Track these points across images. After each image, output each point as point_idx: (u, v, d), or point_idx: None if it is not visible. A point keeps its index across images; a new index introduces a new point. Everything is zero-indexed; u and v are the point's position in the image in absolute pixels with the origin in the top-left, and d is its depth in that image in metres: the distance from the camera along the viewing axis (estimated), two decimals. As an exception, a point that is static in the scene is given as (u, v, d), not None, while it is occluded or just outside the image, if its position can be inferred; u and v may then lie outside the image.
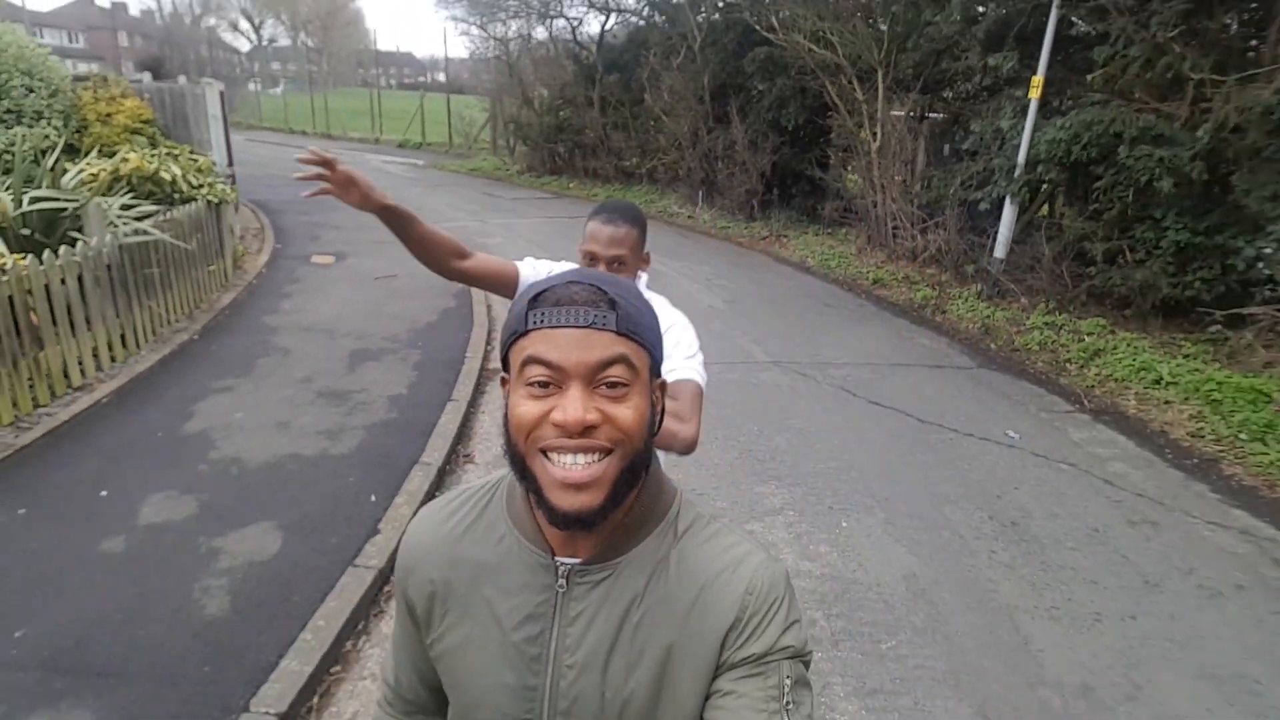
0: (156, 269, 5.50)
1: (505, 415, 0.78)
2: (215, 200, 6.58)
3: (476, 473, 4.10)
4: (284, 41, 57.88)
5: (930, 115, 9.90)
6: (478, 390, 5.05)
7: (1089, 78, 6.68)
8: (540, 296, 0.76)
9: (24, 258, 4.30)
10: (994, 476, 4.20)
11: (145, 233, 5.29)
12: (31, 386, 4.28)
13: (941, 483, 4.10)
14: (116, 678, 2.48)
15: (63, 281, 4.49)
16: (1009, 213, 7.52)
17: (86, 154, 6.57)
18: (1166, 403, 5.16)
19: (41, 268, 4.31)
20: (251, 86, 11.53)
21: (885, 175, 9.40)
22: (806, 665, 0.81)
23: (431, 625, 0.88)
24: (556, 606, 0.82)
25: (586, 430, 0.72)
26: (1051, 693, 2.64)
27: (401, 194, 13.37)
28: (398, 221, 1.71)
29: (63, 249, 4.53)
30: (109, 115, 7.06)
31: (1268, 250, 5.69)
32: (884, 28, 9.37)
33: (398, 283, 7.49)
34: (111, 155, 6.40)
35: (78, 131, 6.83)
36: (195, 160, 6.86)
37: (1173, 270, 6.24)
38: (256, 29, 54.36)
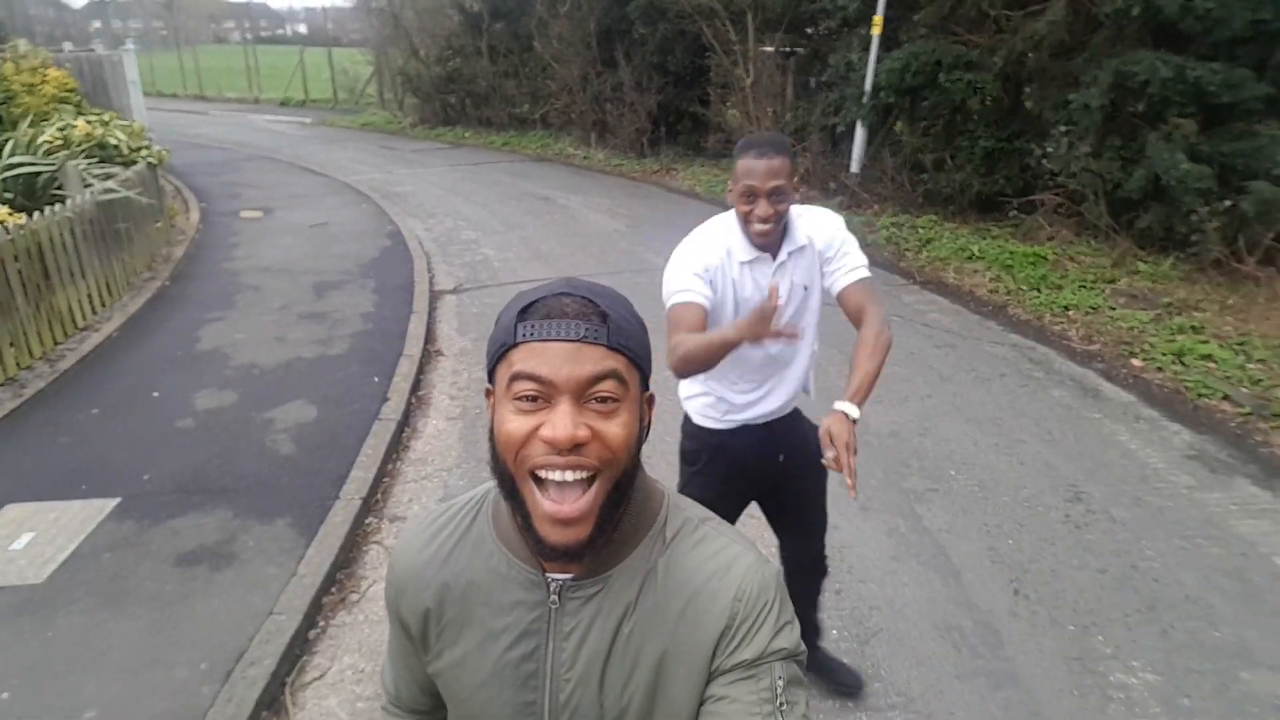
0: (123, 224, 6.19)
1: (491, 430, 0.78)
2: (154, 161, 7.18)
3: (447, 363, 5.17)
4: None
5: (796, 51, 11.24)
6: (431, 306, 6.09)
7: (915, 16, 8.13)
8: (530, 308, 0.76)
9: (22, 216, 5.01)
10: (843, 328, 5.62)
11: (113, 191, 5.97)
12: (50, 326, 5.05)
13: (807, 337, 5.50)
14: (234, 492, 3.53)
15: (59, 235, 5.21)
16: (860, 134, 8.98)
17: (16, 124, 7.01)
18: (975, 271, 6.76)
19: (45, 223, 5.04)
20: (98, 48, 11.09)
21: (759, 108, 10.70)
22: (801, 665, 0.82)
23: (428, 645, 0.89)
24: (550, 623, 0.83)
25: (575, 447, 0.72)
26: (871, 437, 4.06)
27: (300, 151, 13.90)
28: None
29: (57, 206, 5.24)
30: (33, 85, 7.44)
31: (1050, 149, 7.34)
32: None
33: (330, 229, 8.28)
34: (42, 124, 6.88)
35: (3, 102, 7.20)
36: (129, 125, 7.39)
37: (983, 172, 7.86)
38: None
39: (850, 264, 1.95)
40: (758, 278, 1.91)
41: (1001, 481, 3.70)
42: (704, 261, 1.87)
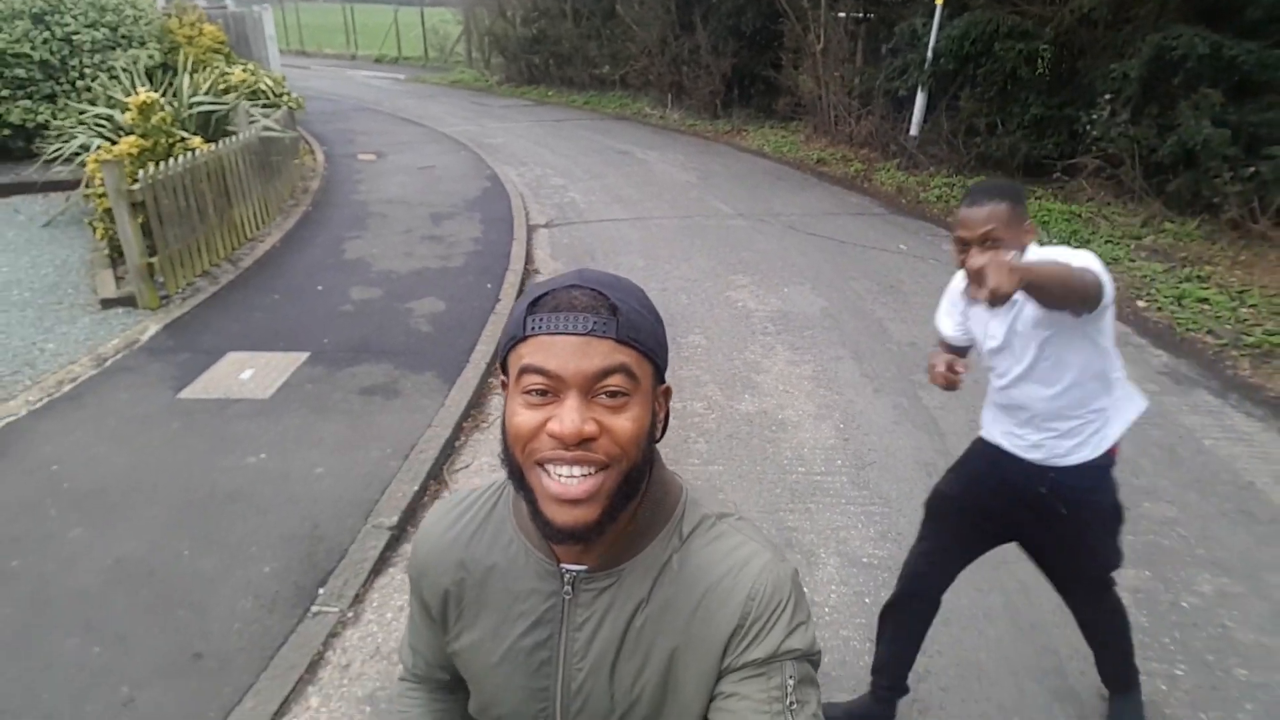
0: (274, 157, 7.43)
1: (503, 422, 0.79)
2: (293, 107, 8.42)
3: (543, 278, 6.23)
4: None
5: (868, 17, 11.82)
6: (529, 235, 7.15)
7: (976, -13, 8.73)
8: (540, 301, 0.76)
9: (208, 144, 6.24)
10: (886, 267, 6.49)
11: (270, 128, 7.20)
12: (230, 234, 6.30)
13: (851, 270, 6.38)
14: (392, 353, 4.67)
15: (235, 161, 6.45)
16: (921, 99, 9.64)
17: (180, 71, 8.31)
18: (1013, 226, 7.46)
19: (226, 150, 6.26)
20: (230, 4, 12.37)
21: (828, 73, 11.37)
22: (815, 665, 0.83)
23: (448, 625, 0.93)
24: (563, 612, 0.85)
25: (583, 442, 0.73)
26: (893, 345, 4.95)
27: (399, 104, 15.17)
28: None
29: (231, 138, 6.47)
30: (192, 38, 8.74)
31: (1094, 116, 7.93)
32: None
33: (437, 172, 9.44)
34: (201, 70, 8.17)
35: (169, 51, 8.52)
36: (271, 74, 8.64)
37: (1032, 136, 8.49)
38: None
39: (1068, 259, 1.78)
40: (984, 315, 1.97)
41: (993, 379, 4.57)
42: (952, 298, 2.10)
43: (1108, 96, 7.73)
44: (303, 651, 2.64)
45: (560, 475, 0.74)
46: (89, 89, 7.89)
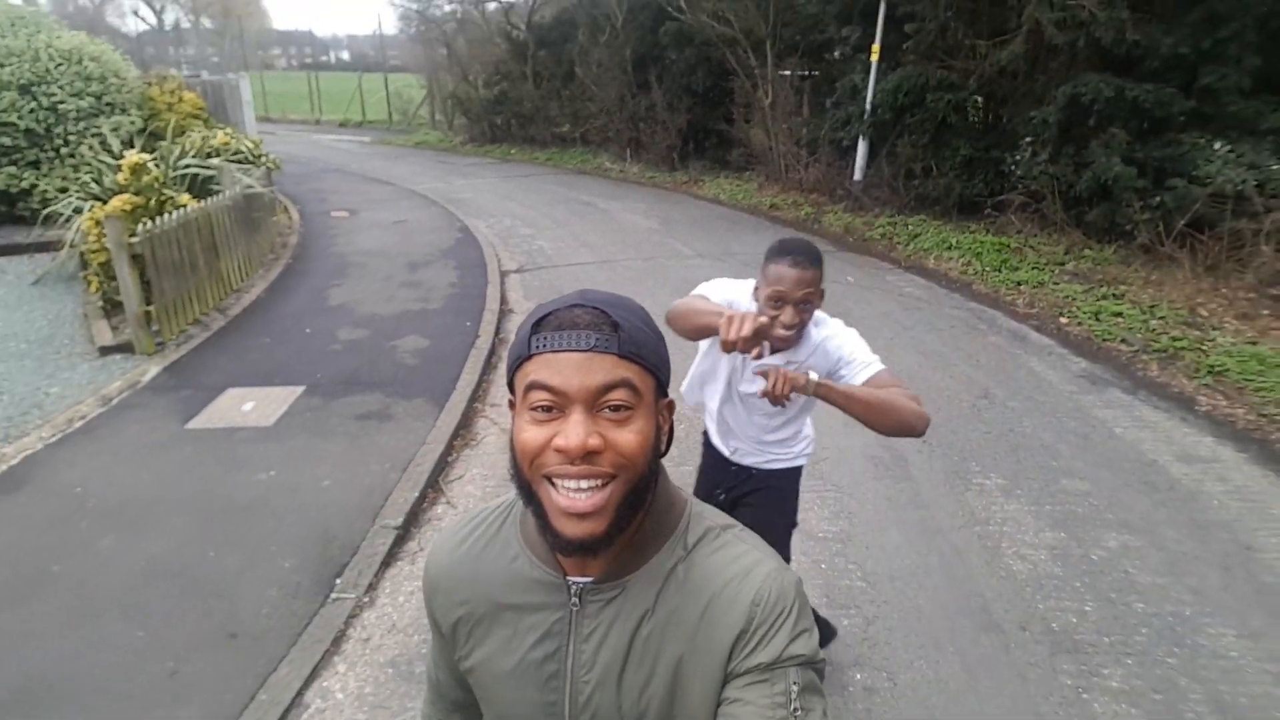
0: (255, 214, 7.85)
1: (511, 439, 0.82)
2: (271, 167, 8.88)
3: (518, 317, 6.67)
4: (184, 24, 57.10)
5: (812, 74, 12.74)
6: (501, 279, 7.62)
7: (905, 45, 9.60)
8: (543, 320, 0.80)
9: (198, 201, 6.65)
10: (834, 296, 6.99)
11: (252, 186, 7.63)
12: (217, 285, 6.67)
13: (803, 302, 6.94)
14: (382, 384, 5.06)
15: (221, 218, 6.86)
16: (862, 147, 10.44)
17: (162, 135, 8.74)
18: (950, 259, 8.15)
19: (215, 206, 6.67)
20: (203, 74, 12.90)
21: (777, 126, 12.20)
22: (820, 674, 0.84)
23: (458, 643, 0.95)
24: (571, 625, 0.87)
25: (589, 455, 0.76)
26: (842, 363, 5.47)
27: (366, 165, 15.72)
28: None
29: (219, 195, 6.89)
30: (172, 105, 9.20)
31: (1018, 157, 8.74)
32: (769, 6, 12.14)
33: (409, 225, 9.92)
34: (181, 135, 8.61)
35: (150, 117, 8.95)
36: (249, 137, 9.12)
37: (965, 177, 9.26)
38: (158, 13, 53.59)
39: (864, 362, 1.96)
40: (741, 368, 2.09)
41: (934, 385, 5.11)
42: (723, 293, 2.09)
43: (1029, 139, 8.55)
44: (327, 629, 2.98)
45: (568, 489, 0.77)
46: (73, 155, 8.28)
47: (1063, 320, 6.36)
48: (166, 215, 5.87)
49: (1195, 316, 6.12)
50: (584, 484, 0.77)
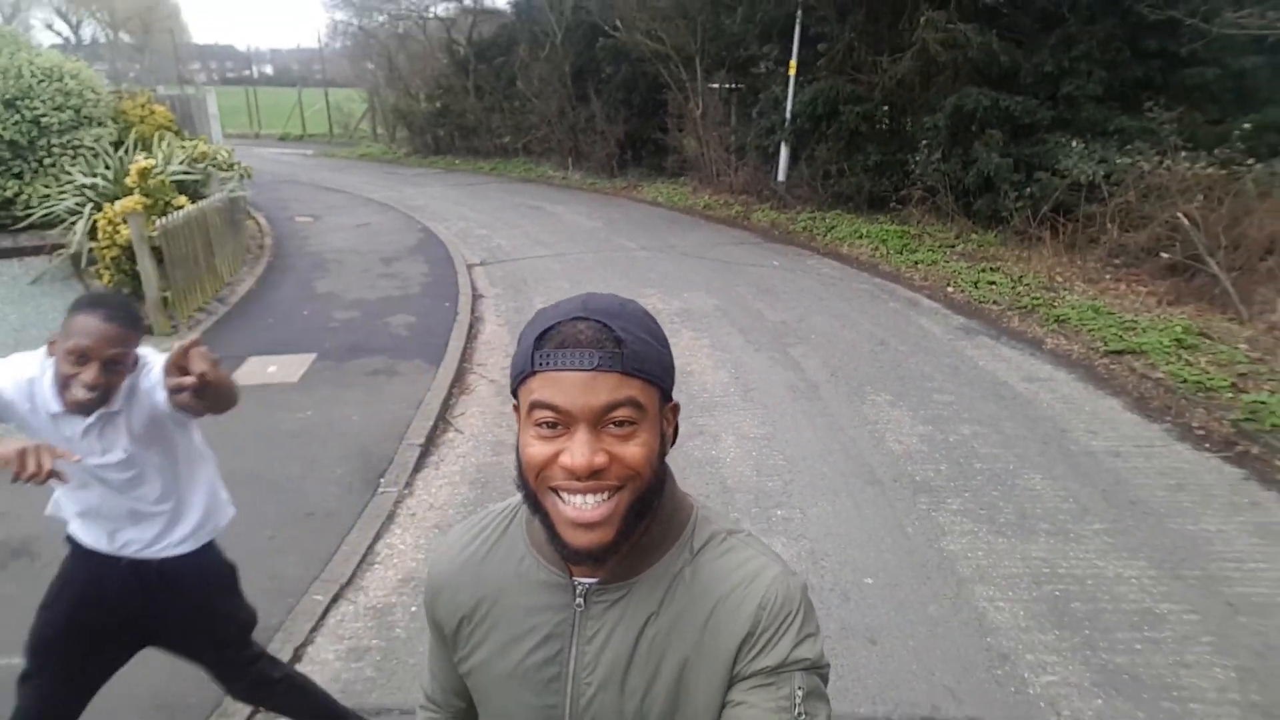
0: (236, 215, 8.64)
1: (517, 449, 0.84)
2: (245, 175, 9.67)
3: (487, 300, 7.66)
4: (100, 39, 55.80)
5: (739, 87, 14.07)
6: (469, 271, 8.60)
7: (818, 62, 10.98)
8: (546, 335, 0.80)
9: (191, 204, 7.45)
10: (763, 277, 8.30)
11: (235, 191, 8.44)
12: (212, 278, 7.48)
13: (735, 281, 8.13)
14: (382, 350, 6.01)
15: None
16: (784, 152, 11.78)
17: (134, 147, 9.43)
18: (861, 245, 9.48)
19: (209, 206, 7.49)
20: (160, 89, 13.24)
21: (708, 134, 13.47)
22: (824, 678, 0.86)
23: (459, 645, 0.97)
24: (574, 626, 0.88)
25: (595, 472, 0.78)
26: (767, 322, 6.65)
27: (315, 176, 16.46)
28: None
29: (210, 198, 7.69)
30: (143, 118, 9.88)
31: (917, 158, 10.16)
32: (697, 26, 13.43)
33: (373, 228, 10.80)
34: (150, 147, 9.32)
35: (124, 129, 9.61)
36: (221, 148, 9.88)
37: (874, 177, 10.66)
38: (75, 28, 52.34)
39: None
40: (67, 433, 1.79)
41: (839, 338, 6.33)
42: (14, 373, 1.76)
43: (925, 143, 9.98)
44: (381, 507, 3.96)
45: (574, 501, 0.79)
46: (54, 165, 8.92)
47: (949, 289, 7.70)
48: (173, 214, 6.69)
49: (1053, 282, 7.54)
50: (590, 498, 0.79)
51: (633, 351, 0.79)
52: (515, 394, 0.84)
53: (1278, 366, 5.37)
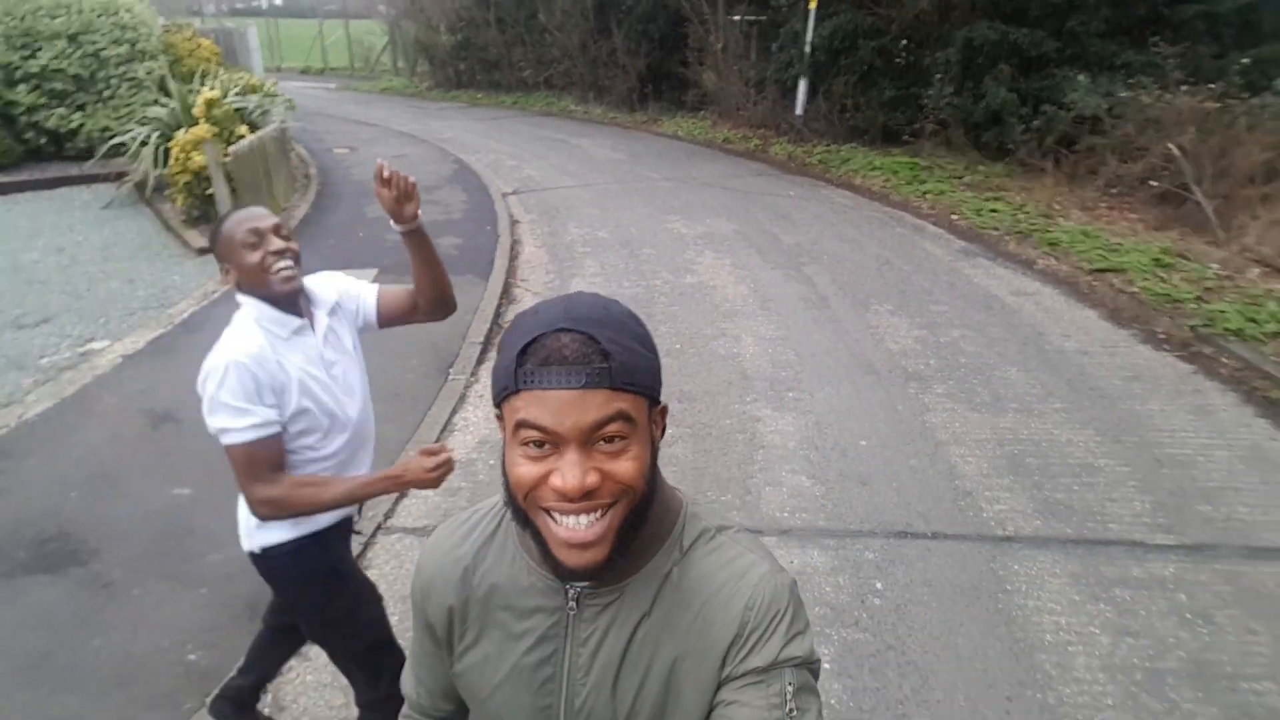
0: (286, 146, 9.29)
1: (503, 464, 0.82)
2: (290, 106, 10.28)
3: (524, 225, 8.32)
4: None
5: (760, 20, 14.36)
6: (504, 199, 9.25)
7: (838, -6, 11.34)
8: (528, 351, 0.77)
9: (251, 133, 8.10)
10: (780, 205, 8.91)
11: (285, 122, 9.07)
12: (273, 202, 8.17)
13: (753, 208, 8.76)
14: (436, 267, 6.73)
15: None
16: (803, 86, 12.20)
17: (187, 77, 10.03)
18: (873, 177, 10.03)
19: (268, 135, 8.14)
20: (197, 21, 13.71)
21: (728, 68, 13.85)
22: (815, 674, 0.86)
23: (452, 644, 0.97)
24: (568, 629, 0.89)
25: (588, 493, 0.77)
26: (784, 246, 7.31)
27: (343, 109, 16.94)
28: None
29: (267, 128, 8.34)
30: (191, 52, 10.45)
31: (930, 93, 10.61)
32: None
33: (409, 159, 11.41)
34: (204, 77, 9.93)
35: (174, 62, 10.21)
36: (264, 80, 10.47)
37: (889, 110, 11.12)
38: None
39: (367, 286, 1.97)
40: (306, 349, 1.82)
41: (848, 259, 7.00)
42: (252, 364, 1.67)
43: (938, 76, 10.41)
44: (453, 391, 4.75)
45: (567, 522, 0.79)
46: (114, 97, 9.57)
47: (954, 217, 8.30)
48: (239, 142, 7.36)
49: (1051, 210, 8.13)
50: (584, 518, 0.78)
51: (621, 365, 0.77)
52: (498, 407, 0.82)
53: (1242, 283, 6.02)
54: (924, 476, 3.81)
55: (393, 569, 3.25)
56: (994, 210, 8.25)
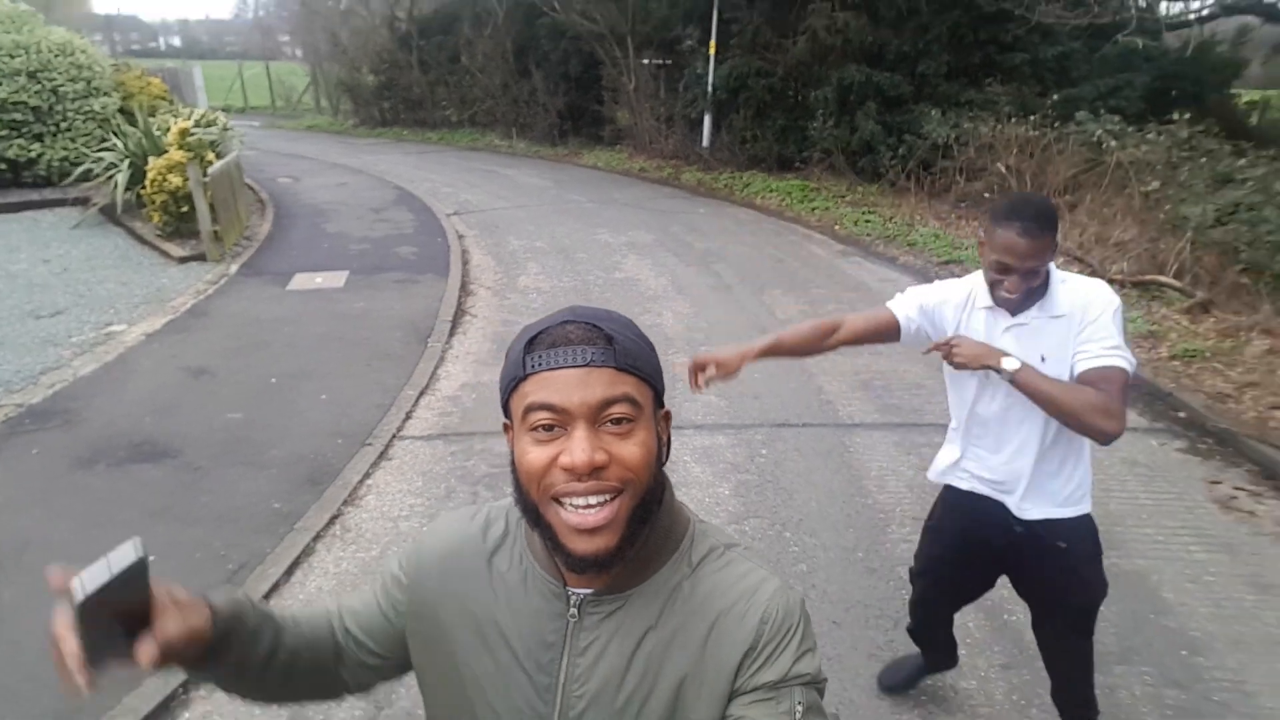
0: (241, 173, 10.27)
1: (513, 463, 0.85)
2: (240, 139, 11.26)
3: (470, 239, 9.55)
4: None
5: (666, 63, 16.09)
6: (450, 219, 10.45)
7: (731, 42, 13.12)
8: (536, 339, 0.82)
9: (218, 159, 9.10)
10: (691, 220, 10.43)
11: (242, 151, 10.06)
12: (238, 222, 9.16)
13: (669, 223, 10.25)
14: (398, 269, 7.92)
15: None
16: (707, 120, 13.92)
17: (135, 114, 10.89)
18: (770, 197, 11.71)
19: (232, 162, 9.15)
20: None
21: (640, 106, 15.48)
22: (820, 692, 0.87)
23: (440, 636, 0.96)
24: (566, 636, 0.89)
25: (596, 470, 0.79)
26: (693, 252, 8.79)
27: (273, 145, 17.82)
28: (778, 350, 2.02)
29: (230, 154, 9.35)
30: (141, 89, 11.30)
31: (814, 125, 12.43)
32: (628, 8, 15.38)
33: (351, 187, 12.51)
34: (154, 113, 10.82)
35: (125, 98, 11.05)
36: (214, 115, 11.42)
37: (781, 141, 12.91)
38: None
39: (1101, 346, 1.77)
40: (990, 329, 1.93)
41: (749, 258, 8.53)
42: (943, 296, 2.02)
43: (820, 112, 12.25)
44: (434, 354, 5.94)
45: (577, 506, 0.80)
46: (69, 129, 10.36)
47: (836, 227, 9.99)
48: (214, 165, 8.38)
49: (913, 220, 9.92)
50: (593, 499, 0.80)
51: (624, 349, 0.82)
52: (506, 409, 0.85)
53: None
54: (800, 393, 5.23)
55: (413, 468, 4.42)
56: (868, 221, 9.98)
